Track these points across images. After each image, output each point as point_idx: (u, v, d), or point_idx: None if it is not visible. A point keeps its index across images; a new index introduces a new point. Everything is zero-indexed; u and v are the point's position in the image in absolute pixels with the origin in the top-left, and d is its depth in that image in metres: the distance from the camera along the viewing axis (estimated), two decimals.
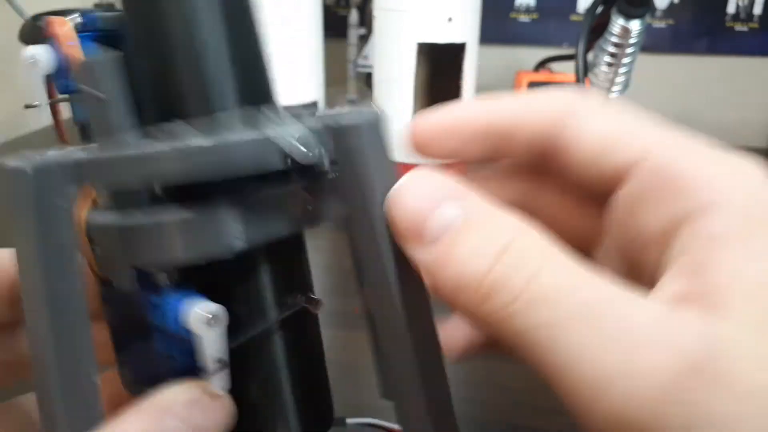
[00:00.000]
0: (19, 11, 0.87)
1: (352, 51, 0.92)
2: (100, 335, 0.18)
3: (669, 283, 0.15)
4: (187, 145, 0.15)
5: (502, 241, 0.15)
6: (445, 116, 0.19)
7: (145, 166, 0.15)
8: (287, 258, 0.20)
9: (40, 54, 0.19)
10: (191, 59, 0.17)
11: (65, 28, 0.19)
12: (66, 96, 0.20)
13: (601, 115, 0.18)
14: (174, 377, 0.17)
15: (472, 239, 0.15)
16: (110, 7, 0.98)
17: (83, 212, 0.18)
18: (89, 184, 0.16)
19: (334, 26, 0.89)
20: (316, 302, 0.20)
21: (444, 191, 0.16)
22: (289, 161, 0.15)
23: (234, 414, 0.18)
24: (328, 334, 0.21)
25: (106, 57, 0.17)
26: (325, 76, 0.74)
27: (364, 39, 0.90)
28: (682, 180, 0.15)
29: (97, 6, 0.91)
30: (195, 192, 0.16)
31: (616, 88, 0.65)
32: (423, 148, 0.19)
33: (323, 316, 0.21)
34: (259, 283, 0.19)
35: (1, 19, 0.88)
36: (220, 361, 0.17)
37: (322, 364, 0.21)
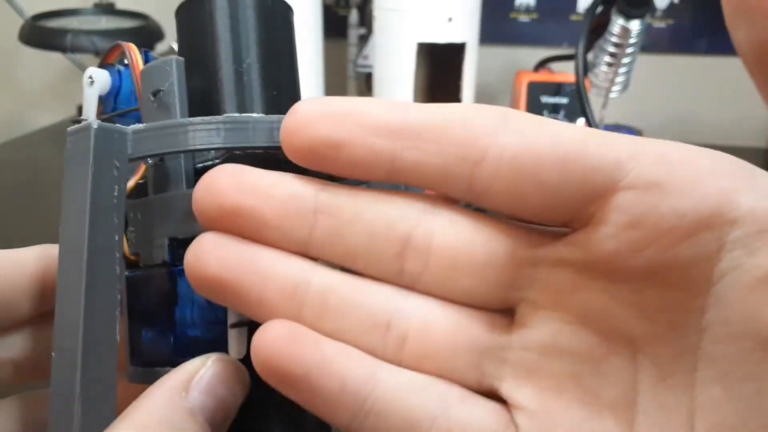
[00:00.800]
0: (19, 11, 0.87)
1: (352, 51, 0.92)
2: None
3: None
4: (231, 116, 0.17)
5: None
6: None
7: (194, 133, 0.17)
8: None
9: (98, 75, 0.22)
10: (228, 76, 0.20)
11: (138, 56, 0.21)
12: (111, 114, 0.23)
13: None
14: (191, 352, 0.17)
15: None
16: (110, 7, 0.97)
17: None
18: (144, 152, 0.18)
19: (334, 26, 0.89)
20: None
21: None
22: None
23: (249, 383, 0.18)
24: None
25: (169, 58, 0.20)
26: (325, 76, 0.74)
27: (364, 39, 0.90)
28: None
29: (97, 6, 0.91)
30: None
31: (616, 88, 0.65)
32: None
33: None
34: None
35: (1, 19, 0.89)
36: (241, 322, 0.18)
37: None
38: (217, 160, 0.19)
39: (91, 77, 0.22)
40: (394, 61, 0.66)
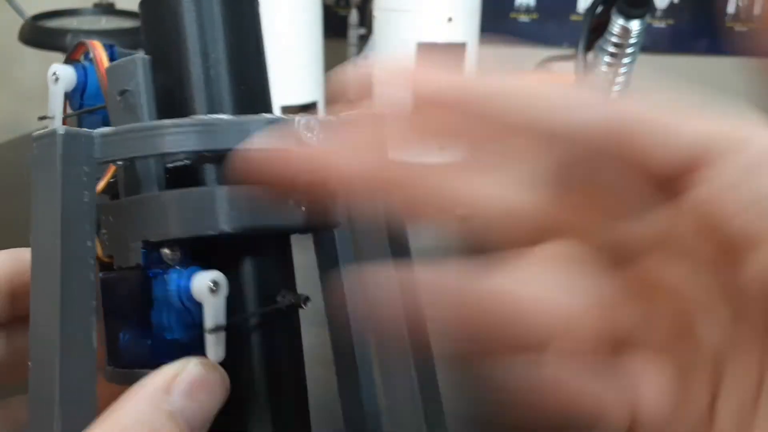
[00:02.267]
0: (19, 11, 0.87)
1: (352, 51, 0.92)
2: None
3: None
4: (202, 119, 0.17)
5: None
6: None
7: (164, 137, 0.17)
8: (276, 254, 0.20)
9: (63, 72, 0.21)
10: (196, 71, 0.19)
11: (102, 53, 0.21)
12: (79, 111, 0.22)
13: None
14: (169, 355, 0.17)
15: None
16: (110, 7, 0.97)
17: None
18: (114, 156, 0.18)
19: (334, 26, 0.89)
20: (304, 298, 0.20)
21: None
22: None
23: (229, 387, 0.17)
24: (313, 332, 0.21)
25: (134, 57, 0.19)
26: (325, 76, 0.74)
27: (364, 39, 0.90)
28: None
29: (97, 6, 0.91)
30: (197, 180, 0.19)
31: (616, 88, 0.65)
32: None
33: (309, 314, 0.21)
34: (252, 272, 0.20)
35: (1, 19, 0.89)
36: (219, 327, 0.18)
37: (301, 368, 0.21)
38: (187, 161, 0.19)
39: (55, 74, 0.21)
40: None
